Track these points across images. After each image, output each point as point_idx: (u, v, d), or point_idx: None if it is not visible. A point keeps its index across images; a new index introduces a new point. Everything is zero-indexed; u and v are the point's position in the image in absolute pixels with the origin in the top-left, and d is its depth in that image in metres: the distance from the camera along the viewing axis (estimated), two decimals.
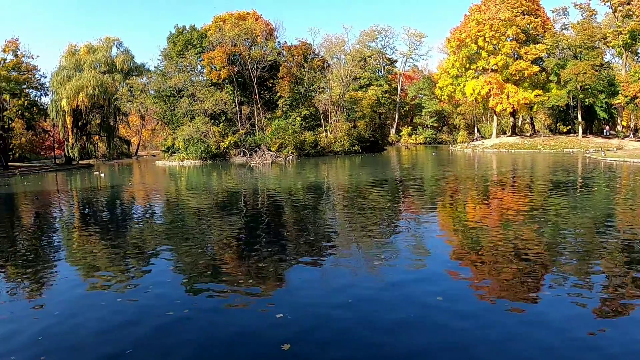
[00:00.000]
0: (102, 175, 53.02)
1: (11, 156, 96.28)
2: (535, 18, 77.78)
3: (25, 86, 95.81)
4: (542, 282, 10.00)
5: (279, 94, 72.35)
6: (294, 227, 17.40)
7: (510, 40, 74.55)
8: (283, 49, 77.73)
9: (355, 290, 9.61)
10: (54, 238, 17.99)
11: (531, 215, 17.43)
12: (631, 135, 77.64)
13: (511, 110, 77.41)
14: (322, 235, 15.42)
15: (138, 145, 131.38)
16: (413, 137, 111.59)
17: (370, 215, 18.53)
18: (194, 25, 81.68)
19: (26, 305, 9.73)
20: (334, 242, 14.25)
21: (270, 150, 64.79)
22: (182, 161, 69.14)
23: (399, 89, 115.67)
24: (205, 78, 75.58)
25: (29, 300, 10.09)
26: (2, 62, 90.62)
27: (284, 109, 72.73)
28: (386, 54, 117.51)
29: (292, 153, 65.04)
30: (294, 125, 68.14)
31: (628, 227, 15.51)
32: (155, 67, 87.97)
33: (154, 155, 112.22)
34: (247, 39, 73.63)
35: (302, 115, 71.21)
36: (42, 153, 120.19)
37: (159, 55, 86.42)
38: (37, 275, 12.10)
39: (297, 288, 10.13)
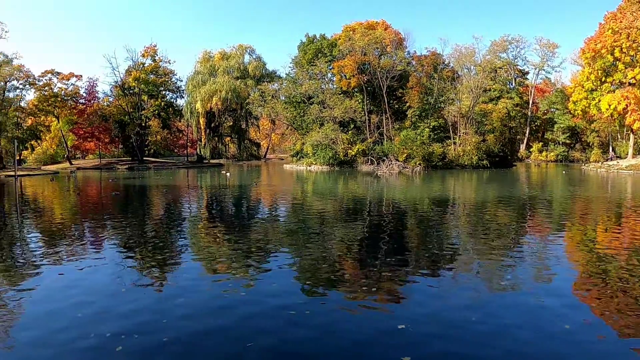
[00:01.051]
0: (229, 174, 54.87)
1: (146, 151, 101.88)
2: None
3: (162, 88, 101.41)
4: None
5: (407, 104, 72.44)
6: (416, 239, 17.46)
7: None
8: (412, 59, 77.84)
9: (479, 309, 9.51)
10: (179, 231, 19.07)
11: None
12: None
13: None
14: (445, 249, 15.27)
15: (267, 148, 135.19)
16: (544, 153, 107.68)
17: (495, 233, 18.18)
18: (324, 35, 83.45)
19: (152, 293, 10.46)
20: (457, 258, 14.10)
21: (398, 160, 64.76)
22: (309, 166, 70.56)
23: (530, 102, 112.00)
24: (335, 86, 76.98)
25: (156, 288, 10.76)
26: (141, 66, 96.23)
27: (412, 119, 72.62)
28: (517, 65, 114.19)
29: (419, 164, 64.74)
30: (422, 137, 67.81)
31: None
32: (286, 74, 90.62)
33: (282, 159, 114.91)
34: (377, 48, 74.21)
35: (431, 127, 70.67)
36: (175, 151, 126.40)
37: (290, 62, 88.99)
38: (163, 265, 13.05)
39: (417, 301, 10.12)
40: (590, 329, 8.76)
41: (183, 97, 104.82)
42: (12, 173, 61.43)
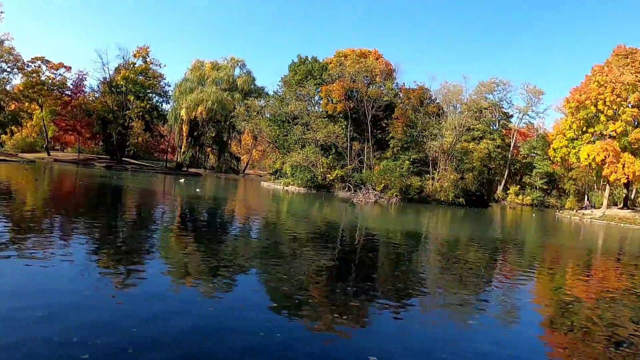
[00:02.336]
0: (198, 190, 54.56)
1: (126, 152, 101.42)
2: None
3: (149, 91, 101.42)
4: None
5: (390, 135, 72.92)
6: (386, 270, 17.47)
7: (632, 107, 71.31)
8: (400, 91, 78.55)
9: (445, 345, 9.58)
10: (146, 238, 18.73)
11: (632, 296, 16.85)
12: None
13: (625, 181, 74.08)
14: (413, 282, 15.35)
15: (247, 164, 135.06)
16: (520, 196, 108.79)
17: (465, 271, 18.34)
18: (316, 57, 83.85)
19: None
20: (424, 292, 14.24)
21: (375, 190, 64.85)
22: (287, 186, 70.55)
23: (512, 145, 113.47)
24: (321, 109, 77.24)
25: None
26: (131, 66, 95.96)
27: (394, 150, 72.97)
28: (502, 107, 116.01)
29: (396, 195, 64.85)
30: (402, 168, 67.91)
31: None
32: (274, 92, 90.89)
33: (261, 176, 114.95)
34: (366, 76, 74.90)
35: (411, 159, 70.94)
36: (155, 155, 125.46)
37: (279, 81, 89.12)
38: (128, 272, 12.66)
39: (387, 332, 10.17)
40: None
41: (169, 103, 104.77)
42: None
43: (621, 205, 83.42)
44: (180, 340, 8.19)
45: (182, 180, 60.72)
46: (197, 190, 48.67)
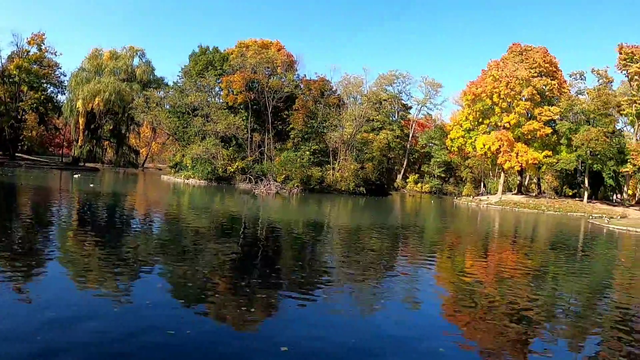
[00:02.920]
0: (77, 176, 52.78)
1: (20, 147, 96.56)
2: (552, 80, 78.32)
3: (44, 81, 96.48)
4: (532, 344, 10.16)
5: (291, 126, 72.89)
6: (290, 261, 17.48)
7: (525, 100, 74.94)
8: (301, 82, 78.38)
9: (356, 332, 9.65)
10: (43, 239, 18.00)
11: (528, 275, 17.71)
12: (635, 203, 79.33)
13: (519, 168, 77.64)
14: (317, 272, 15.49)
15: (146, 157, 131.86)
16: (419, 185, 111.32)
17: (368, 258, 18.55)
18: (217, 48, 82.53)
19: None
20: (329, 280, 14.35)
21: (276, 181, 64.72)
22: (187, 179, 69.54)
23: (410, 135, 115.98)
24: (221, 100, 76.35)
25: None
26: (25, 54, 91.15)
27: (294, 140, 73.06)
28: (402, 99, 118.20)
29: (297, 186, 65.03)
30: (303, 159, 68.06)
31: (625, 297, 15.78)
32: (173, 82, 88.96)
33: (160, 169, 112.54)
34: (268, 67, 74.47)
35: (312, 150, 71.06)
36: (50, 149, 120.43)
37: (179, 72, 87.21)
38: (26, 275, 12.07)
39: (295, 322, 10.20)
40: (457, 351, 9.20)
41: (64, 94, 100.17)
42: None
43: (515, 191, 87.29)
44: (89, 344, 7.81)
45: (77, 176, 58.60)
46: (91, 185, 46.74)
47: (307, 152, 70.03)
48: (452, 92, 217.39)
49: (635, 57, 71.94)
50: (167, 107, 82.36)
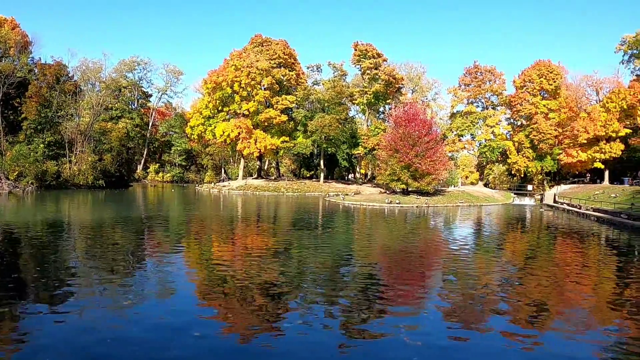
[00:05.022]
0: None
1: None
2: (290, 71, 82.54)
3: None
4: (287, 314, 11.00)
5: (24, 115, 67.34)
6: (31, 267, 16.21)
7: (265, 89, 77.93)
8: (36, 66, 72.79)
9: (110, 331, 9.59)
10: None
11: (275, 253, 18.95)
12: (367, 181, 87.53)
13: (258, 154, 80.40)
14: (63, 275, 14.75)
15: None
16: (160, 174, 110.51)
17: (115, 254, 18.28)
18: None
19: None
20: (77, 283, 13.74)
21: (8, 179, 60.06)
22: None
23: (150, 124, 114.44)
24: None
25: None
26: None
27: (27, 132, 67.70)
28: (142, 87, 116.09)
29: (31, 183, 60.97)
30: (37, 153, 63.84)
31: (364, 261, 18.16)
32: None
33: None
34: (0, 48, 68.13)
35: (47, 142, 66.92)
36: None
37: None
38: None
39: (47, 336, 9.57)
40: (218, 335, 9.52)
41: None
42: None
43: (256, 176, 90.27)
44: None
45: None
46: None
47: (42, 145, 65.86)
48: (193, 80, 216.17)
49: (368, 54, 79.64)
50: None
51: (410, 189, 58.32)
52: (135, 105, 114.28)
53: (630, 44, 78.88)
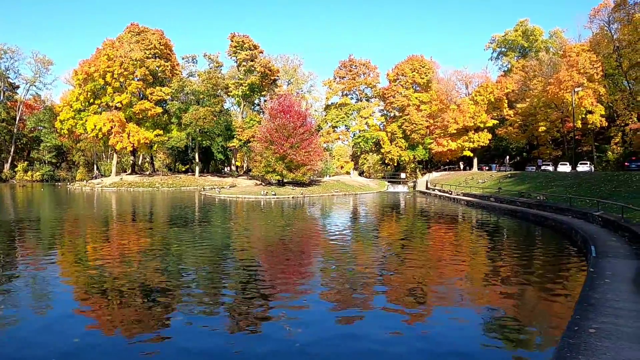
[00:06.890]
0: None
1: None
2: (165, 62, 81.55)
3: None
4: (171, 312, 10.92)
5: None
6: None
7: (138, 80, 76.62)
8: None
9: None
10: None
11: (153, 251, 18.63)
12: (243, 174, 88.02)
13: (131, 148, 78.97)
14: None
15: None
16: (29, 173, 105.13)
17: None
18: None
19: None
20: None
21: None
22: None
23: (18, 118, 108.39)
24: None
25: None
26: None
27: None
28: (9, 77, 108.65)
29: None
30: None
31: (243, 252, 18.71)
32: None
33: None
34: None
35: None
36: None
37: None
38: None
39: None
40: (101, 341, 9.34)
41: None
42: None
43: (130, 172, 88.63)
44: None
45: None
46: None
47: None
48: (64, 71, 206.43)
49: (244, 46, 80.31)
50: None
51: (286, 180, 59.38)
52: (1, 97, 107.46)
53: (499, 43, 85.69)
